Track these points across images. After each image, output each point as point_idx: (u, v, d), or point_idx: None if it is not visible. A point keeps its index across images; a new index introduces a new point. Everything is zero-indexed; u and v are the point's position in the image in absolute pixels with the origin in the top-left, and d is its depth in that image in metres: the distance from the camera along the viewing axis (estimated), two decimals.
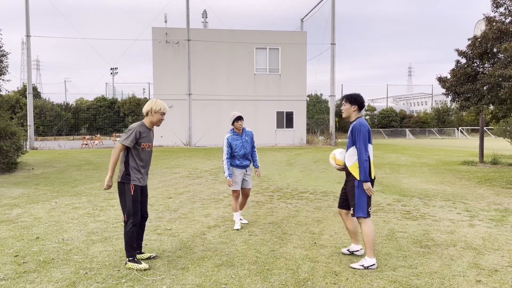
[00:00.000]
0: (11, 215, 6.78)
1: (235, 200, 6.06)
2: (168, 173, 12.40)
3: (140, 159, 4.42)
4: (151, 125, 4.54)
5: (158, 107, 4.47)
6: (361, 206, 4.32)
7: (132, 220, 4.32)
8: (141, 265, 4.24)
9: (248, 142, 6.07)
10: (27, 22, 25.14)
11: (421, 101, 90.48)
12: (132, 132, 4.32)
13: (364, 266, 4.26)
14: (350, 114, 4.49)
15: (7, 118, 13.63)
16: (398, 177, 11.65)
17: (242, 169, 6.04)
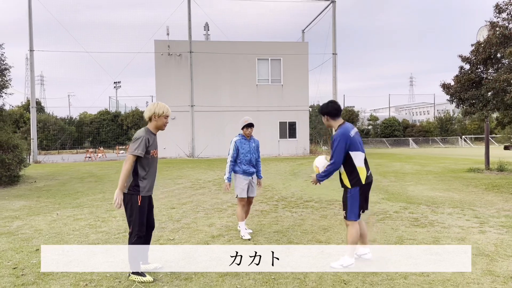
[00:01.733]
0: (11, 227, 6.67)
1: (241, 208, 5.91)
2: (171, 184, 12.29)
3: (149, 168, 4.23)
4: (156, 130, 4.37)
5: (161, 110, 4.27)
6: (353, 211, 4.41)
7: (137, 232, 4.14)
8: (145, 277, 4.08)
9: (254, 149, 6.00)
10: (30, 36, 25.31)
11: (423, 110, 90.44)
12: (141, 141, 4.12)
13: (343, 265, 4.40)
14: (329, 124, 4.56)
15: (9, 131, 13.60)
16: (403, 185, 11.48)
17: (249, 176, 5.92)
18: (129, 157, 4.07)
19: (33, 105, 26.24)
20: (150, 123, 4.33)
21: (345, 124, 4.47)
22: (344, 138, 4.32)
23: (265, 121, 27.31)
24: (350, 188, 4.40)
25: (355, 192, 4.38)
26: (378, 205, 8.29)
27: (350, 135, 4.37)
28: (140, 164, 4.16)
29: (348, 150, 4.34)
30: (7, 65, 14.30)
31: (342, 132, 4.37)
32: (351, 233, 4.43)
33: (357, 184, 4.38)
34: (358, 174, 4.37)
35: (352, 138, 4.36)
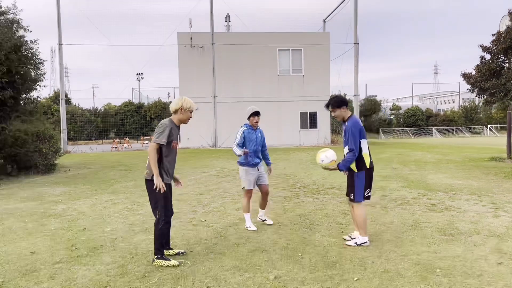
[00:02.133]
0: (57, 210, 7.33)
1: (247, 200, 5.86)
2: (197, 172, 12.86)
3: (169, 157, 4.40)
4: (179, 123, 4.50)
5: (188, 105, 4.43)
6: (360, 193, 4.83)
7: (164, 217, 4.34)
8: (170, 261, 4.27)
9: (260, 139, 5.91)
10: (59, 31, 26.23)
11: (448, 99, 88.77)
12: (165, 129, 4.28)
13: (357, 243, 4.82)
14: (343, 115, 4.92)
15: (45, 122, 14.41)
16: (423, 173, 11.73)
17: (254, 167, 5.86)
18: (152, 145, 4.24)
19: (62, 97, 27.29)
20: (175, 116, 4.46)
21: (354, 115, 4.95)
22: (357, 127, 4.77)
23: (286, 111, 27.64)
24: (357, 172, 4.81)
25: (362, 175, 4.81)
26: (397, 192, 8.62)
27: (360, 124, 4.84)
28: (162, 153, 4.33)
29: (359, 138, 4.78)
30: (41, 59, 15.07)
31: (356, 121, 4.83)
32: (357, 213, 4.87)
33: (363, 168, 4.81)
34: (364, 160, 4.79)
35: (361, 127, 4.83)
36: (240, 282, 3.79)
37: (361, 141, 4.79)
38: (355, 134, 4.74)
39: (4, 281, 3.93)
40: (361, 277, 3.87)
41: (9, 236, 5.58)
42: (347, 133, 4.79)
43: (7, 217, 6.85)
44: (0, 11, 13.52)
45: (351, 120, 4.86)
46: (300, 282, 3.77)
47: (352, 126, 4.77)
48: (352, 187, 4.88)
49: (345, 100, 4.97)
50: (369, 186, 4.91)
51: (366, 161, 4.83)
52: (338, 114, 4.93)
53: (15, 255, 4.72)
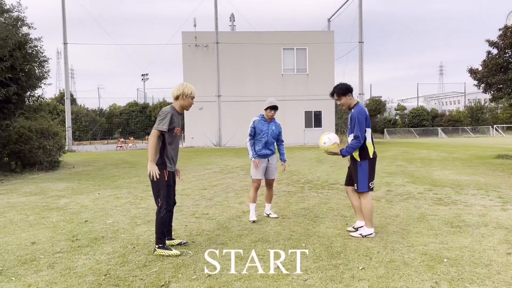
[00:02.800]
0: (59, 204, 7.28)
1: (254, 191, 5.78)
2: (201, 169, 12.80)
3: (173, 145, 4.34)
4: (181, 110, 4.44)
5: (189, 91, 4.37)
6: (364, 183, 4.72)
7: (166, 205, 4.27)
8: (171, 251, 4.20)
9: (273, 132, 5.81)
10: (64, 30, 26.31)
11: (453, 100, 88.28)
12: (167, 116, 4.22)
13: (362, 234, 4.73)
14: (349, 103, 4.84)
15: (49, 119, 14.41)
16: (429, 170, 11.60)
17: (263, 158, 5.77)
18: (153, 133, 4.20)
19: (67, 96, 27.35)
20: (176, 102, 4.41)
21: (360, 103, 4.85)
22: (363, 115, 4.68)
23: (290, 110, 27.54)
24: (360, 161, 4.71)
25: (365, 165, 4.71)
26: (403, 187, 8.51)
27: (366, 112, 4.76)
28: (165, 140, 4.27)
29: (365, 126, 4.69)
30: (46, 57, 15.08)
31: (361, 109, 4.74)
32: (364, 204, 4.75)
33: (366, 158, 4.71)
34: (367, 149, 4.70)
35: (368, 116, 4.75)
36: (242, 271, 3.70)
37: (366, 130, 4.70)
38: (361, 121, 4.65)
39: (3, 269, 3.87)
40: (366, 266, 3.77)
41: (10, 228, 5.54)
42: (352, 121, 4.71)
43: (9, 210, 6.81)
44: (4, 9, 13.53)
45: (357, 107, 4.77)
46: (303, 271, 3.68)
47: (359, 113, 4.68)
48: (356, 177, 4.78)
49: (350, 87, 4.86)
50: (372, 177, 4.80)
51: (370, 151, 4.73)
52: (343, 102, 4.84)
53: (15, 245, 4.67)
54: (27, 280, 3.60)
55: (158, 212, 4.30)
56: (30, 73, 14.19)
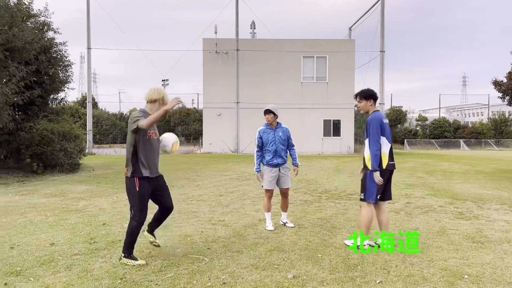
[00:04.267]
0: (78, 206, 7.39)
1: (267, 200, 5.75)
2: (218, 176, 12.83)
3: (148, 149, 4.14)
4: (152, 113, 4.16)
5: (168, 97, 4.23)
6: (371, 193, 4.62)
7: (138, 217, 4.09)
8: (137, 261, 4.06)
9: (281, 138, 5.68)
10: (88, 35, 26.92)
11: (476, 111, 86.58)
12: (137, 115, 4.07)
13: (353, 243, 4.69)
14: (368, 109, 4.75)
15: (71, 122, 14.69)
16: (450, 182, 11.35)
17: (275, 167, 5.66)
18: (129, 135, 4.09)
19: (89, 99, 27.90)
20: (151, 105, 4.20)
21: (379, 111, 4.74)
22: (377, 120, 4.57)
23: (309, 118, 27.44)
24: (371, 170, 4.58)
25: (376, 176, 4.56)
26: (423, 199, 8.34)
27: (383, 120, 4.62)
28: (139, 146, 4.09)
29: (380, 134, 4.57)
30: (69, 61, 15.43)
31: (377, 115, 4.63)
32: (363, 214, 4.67)
33: (379, 167, 4.55)
34: (381, 158, 4.56)
35: (384, 124, 4.61)
36: (257, 280, 3.67)
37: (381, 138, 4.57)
38: (376, 124, 4.54)
39: (22, 269, 3.93)
40: (384, 280, 3.69)
41: (30, 228, 5.64)
42: (367, 126, 4.63)
43: (30, 210, 6.94)
44: (31, 14, 13.92)
45: (374, 113, 4.69)
46: (319, 282, 3.62)
47: (373, 119, 4.59)
48: (364, 186, 4.67)
49: (374, 95, 4.78)
50: (383, 190, 4.65)
51: (383, 161, 4.58)
52: (363, 105, 4.76)
53: (34, 246, 4.75)
54: (45, 281, 3.64)
55: (130, 222, 4.13)
56: (54, 76, 14.52)
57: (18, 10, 12.55)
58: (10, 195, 8.83)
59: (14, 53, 11.84)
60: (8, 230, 5.53)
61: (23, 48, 11.94)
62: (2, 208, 7.20)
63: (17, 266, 4.02)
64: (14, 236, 5.19)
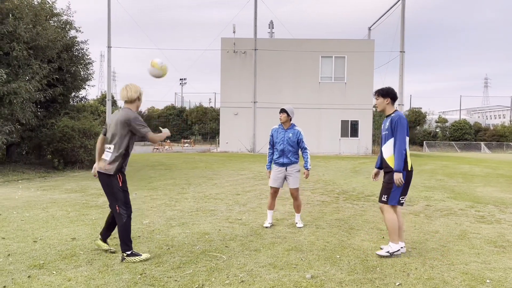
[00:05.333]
0: (98, 202, 7.51)
1: (270, 197, 5.88)
2: (234, 175, 12.87)
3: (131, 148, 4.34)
4: (137, 110, 4.43)
5: (142, 91, 4.39)
6: (395, 196, 4.42)
7: (126, 211, 4.19)
8: (141, 256, 4.11)
9: (290, 139, 5.68)
10: (108, 34, 27.28)
11: (498, 114, 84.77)
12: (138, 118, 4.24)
13: (389, 252, 4.39)
14: (384, 107, 4.61)
15: (91, 120, 14.94)
16: (471, 186, 11.14)
17: (281, 166, 5.72)
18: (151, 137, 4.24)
19: (109, 98, 28.29)
20: (133, 104, 4.33)
21: (398, 110, 4.58)
22: (405, 120, 4.42)
23: (326, 119, 27.28)
24: (395, 170, 4.34)
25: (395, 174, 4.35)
26: (443, 202, 8.21)
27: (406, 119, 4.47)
28: (129, 147, 4.24)
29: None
30: (90, 59, 15.70)
31: (401, 114, 4.47)
32: (388, 218, 4.44)
33: (404, 169, 4.36)
34: (407, 159, 4.39)
35: (408, 124, 4.47)
36: (275, 279, 3.67)
37: (406, 138, 4.40)
38: (403, 125, 4.35)
39: (45, 263, 4.02)
40: (404, 282, 3.65)
41: (52, 223, 5.75)
42: (394, 125, 4.39)
43: (51, 205, 7.09)
44: (54, 13, 14.20)
45: (397, 112, 4.51)
46: (338, 283, 3.60)
47: (401, 118, 4.39)
48: (388, 189, 4.45)
49: (392, 93, 4.59)
50: (406, 191, 4.47)
51: (408, 162, 4.40)
52: (379, 103, 4.62)
53: (56, 240, 4.85)
54: (67, 274, 3.72)
55: (119, 219, 4.18)
56: (75, 74, 14.80)
57: (41, 9, 12.82)
58: (33, 190, 9.04)
59: (37, 51, 12.11)
60: (31, 224, 5.67)
61: (46, 47, 12.20)
62: (25, 202, 7.38)
63: (40, 260, 4.11)
64: (37, 230, 5.31)
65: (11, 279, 3.59)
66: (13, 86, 10.42)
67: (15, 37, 10.87)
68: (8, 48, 10.80)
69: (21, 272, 3.77)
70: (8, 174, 11.54)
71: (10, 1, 11.15)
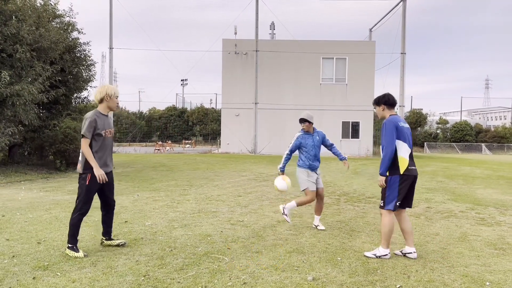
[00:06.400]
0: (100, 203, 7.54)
1: (308, 200, 5.81)
2: (236, 176, 12.91)
3: (102, 148, 4.46)
4: (106, 111, 4.54)
5: (112, 91, 4.46)
6: (390, 200, 4.45)
7: (81, 209, 4.37)
8: (78, 253, 4.29)
9: (319, 142, 5.92)
10: (110, 36, 27.35)
11: (499, 115, 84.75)
12: (85, 122, 4.36)
13: (376, 255, 4.47)
14: (383, 114, 4.66)
15: None
16: (472, 187, 11.17)
17: (315, 170, 5.90)
18: (83, 140, 4.38)
19: None
20: (101, 105, 4.49)
21: (397, 115, 4.59)
22: (392, 123, 4.42)
23: (327, 120, 27.27)
24: (389, 176, 4.42)
25: (394, 181, 4.40)
26: (443, 204, 8.25)
27: (398, 123, 4.45)
28: (91, 146, 4.39)
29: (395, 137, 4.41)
30: (93, 60, 15.76)
31: (391, 119, 4.49)
32: (384, 223, 4.47)
33: (395, 173, 4.40)
34: (398, 163, 4.39)
35: (400, 127, 4.44)
36: (277, 281, 3.72)
37: (397, 142, 4.40)
38: (388, 128, 4.40)
39: (49, 264, 4.07)
40: (404, 284, 3.69)
41: (55, 224, 5.80)
42: (382, 129, 4.50)
43: (54, 207, 7.14)
44: (57, 14, 14.27)
45: (390, 117, 4.54)
46: (339, 285, 3.65)
47: (387, 122, 4.47)
48: (383, 193, 4.49)
49: (384, 99, 4.60)
50: (403, 196, 4.45)
51: (401, 165, 4.38)
52: (377, 111, 4.70)
53: (60, 242, 4.89)
54: (71, 276, 3.76)
55: (73, 213, 4.42)
56: (77, 75, 14.87)
57: (44, 10, 12.89)
58: (35, 191, 9.09)
59: (40, 53, 12.18)
60: (35, 225, 5.72)
61: (49, 48, 12.27)
62: (28, 204, 7.43)
63: (44, 261, 4.16)
64: (41, 232, 5.36)
65: (16, 280, 3.64)
66: (16, 88, 10.49)
67: (18, 39, 10.94)
68: (11, 50, 10.87)
69: (26, 273, 3.81)
70: (11, 175, 11.60)
71: (13, 3, 11.21)
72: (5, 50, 10.84)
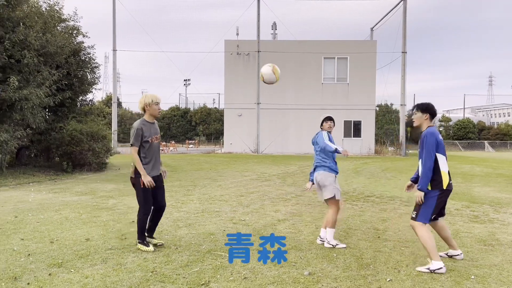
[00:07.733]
0: (108, 204, 7.86)
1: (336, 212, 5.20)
2: (238, 176, 13.19)
3: (150, 153, 4.83)
4: (151, 119, 4.86)
5: (150, 100, 4.75)
6: (426, 214, 4.29)
7: (143, 209, 4.84)
8: (148, 247, 4.74)
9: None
10: (114, 38, 27.71)
11: (503, 112, 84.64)
12: (135, 132, 4.69)
13: (430, 269, 4.14)
14: (422, 122, 4.47)
15: (99, 123, 15.32)
16: (469, 186, 11.40)
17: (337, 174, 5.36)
18: (132, 149, 4.74)
19: (114, 100, 28.74)
20: (145, 114, 4.85)
21: (435, 126, 4.50)
22: (434, 137, 4.29)
23: None
24: (430, 190, 4.26)
25: (434, 196, 4.26)
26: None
27: (438, 136, 4.35)
28: (140, 151, 4.77)
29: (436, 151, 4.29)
30: (97, 63, 16.08)
31: (432, 131, 4.34)
32: (424, 238, 4.24)
33: (438, 188, 4.27)
34: (441, 177, 4.28)
35: (439, 140, 4.34)
36: (275, 276, 3.99)
37: (438, 156, 4.29)
38: (429, 142, 4.24)
39: (63, 262, 4.36)
40: (394, 278, 3.96)
41: (66, 225, 6.10)
42: (422, 143, 4.34)
43: (64, 208, 7.44)
44: (62, 18, 14.59)
45: (430, 128, 4.39)
46: (333, 279, 3.92)
47: (428, 134, 4.29)
48: (419, 206, 4.30)
49: (433, 110, 4.45)
50: (439, 211, 4.40)
51: (444, 180, 4.27)
52: (417, 117, 4.46)
53: (71, 241, 5.19)
54: (84, 272, 4.05)
55: (138, 213, 4.91)
56: (83, 78, 15.19)
57: (50, 16, 13.20)
58: (44, 192, 9.40)
59: (47, 58, 12.49)
60: (47, 226, 6.02)
61: (55, 53, 12.58)
62: (39, 205, 7.74)
63: (58, 259, 4.45)
64: (53, 232, 5.66)
65: (34, 276, 3.93)
66: (24, 92, 10.81)
67: (26, 45, 11.25)
68: (19, 55, 11.18)
69: (42, 270, 4.10)
70: (19, 176, 11.93)
71: (20, 10, 11.53)
72: (14, 56, 11.16)
